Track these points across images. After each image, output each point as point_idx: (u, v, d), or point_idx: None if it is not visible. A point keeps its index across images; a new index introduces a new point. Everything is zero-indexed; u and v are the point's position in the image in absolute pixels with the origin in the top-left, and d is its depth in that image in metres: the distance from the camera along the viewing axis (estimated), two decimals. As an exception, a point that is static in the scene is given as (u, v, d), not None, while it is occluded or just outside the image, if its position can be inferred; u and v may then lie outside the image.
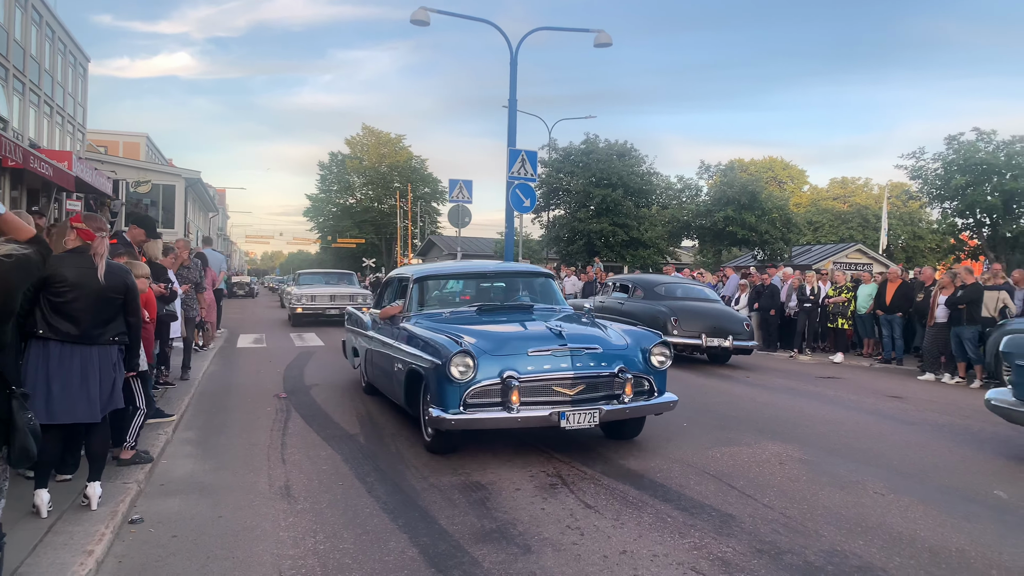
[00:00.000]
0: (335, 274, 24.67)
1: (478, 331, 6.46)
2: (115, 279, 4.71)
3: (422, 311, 7.51)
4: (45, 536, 4.12)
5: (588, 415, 5.91)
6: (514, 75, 17.19)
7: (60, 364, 4.47)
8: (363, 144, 71.37)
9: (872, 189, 59.46)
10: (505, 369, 5.90)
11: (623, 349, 6.43)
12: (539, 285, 8.31)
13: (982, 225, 32.03)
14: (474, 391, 5.90)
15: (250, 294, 46.38)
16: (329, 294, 20.95)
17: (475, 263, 11.30)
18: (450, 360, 5.81)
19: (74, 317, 4.50)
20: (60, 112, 34.64)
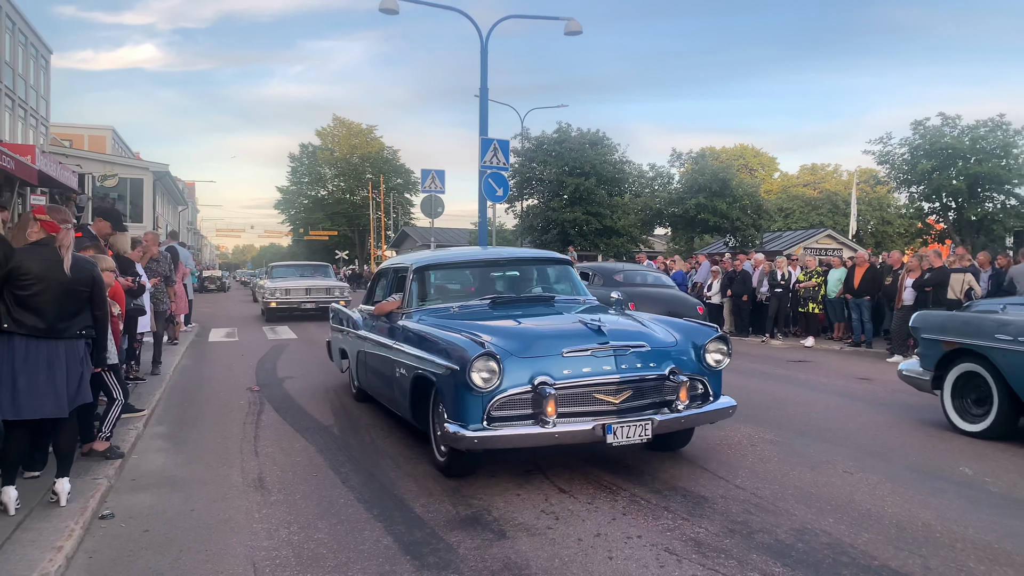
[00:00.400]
0: (310, 266, 23.78)
1: (499, 328, 5.54)
2: (81, 272, 4.63)
3: (424, 306, 6.53)
4: (13, 533, 4.06)
5: (639, 427, 4.98)
6: (485, 64, 17.12)
7: (26, 359, 4.40)
8: (334, 135, 70.78)
9: (841, 175, 60.13)
10: (537, 374, 4.94)
11: (672, 346, 5.49)
12: (557, 273, 7.37)
13: (948, 209, 32.58)
14: (500, 401, 4.93)
15: (221, 288, 45.92)
16: (304, 287, 20.02)
17: (483, 249, 9.90)
18: (471, 364, 4.81)
19: (39, 311, 4.43)
20: (22, 105, 33.93)
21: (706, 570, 3.83)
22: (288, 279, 20.90)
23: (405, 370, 5.96)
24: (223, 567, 3.91)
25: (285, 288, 19.81)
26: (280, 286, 19.91)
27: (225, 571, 3.85)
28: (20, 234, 4.70)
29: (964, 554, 4.06)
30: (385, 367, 6.61)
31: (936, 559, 3.98)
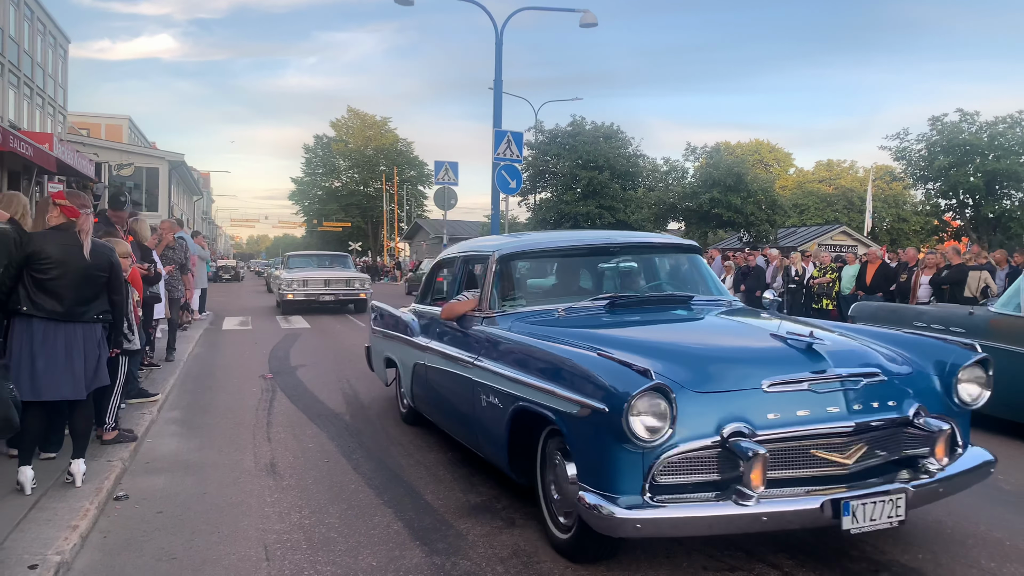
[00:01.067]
0: (328, 256, 22.49)
1: (647, 344, 3.98)
2: (100, 257, 4.68)
3: (514, 307, 4.93)
4: (29, 512, 4.12)
5: (887, 504, 3.38)
6: (499, 56, 17.10)
7: (44, 341, 4.46)
8: (348, 127, 70.94)
9: (857, 172, 59.73)
10: (728, 419, 3.34)
11: (910, 374, 3.90)
12: (685, 265, 5.65)
13: (965, 206, 32.33)
14: (670, 461, 3.31)
15: (236, 278, 46.18)
16: (323, 279, 18.79)
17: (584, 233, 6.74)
18: (630, 404, 3.17)
19: (58, 294, 4.48)
20: (40, 94, 34.20)
21: (714, 561, 3.84)
22: (306, 270, 19.72)
23: (497, 399, 4.35)
24: (235, 549, 3.95)
25: (303, 279, 18.76)
26: (298, 277, 18.84)
27: (237, 553, 3.90)
28: (40, 219, 4.75)
29: (975, 551, 4.05)
30: (459, 390, 5.01)
31: (946, 555, 3.97)
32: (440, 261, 6.68)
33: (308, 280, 18.70)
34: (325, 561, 3.79)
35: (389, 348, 6.95)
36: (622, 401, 3.20)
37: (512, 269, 5.22)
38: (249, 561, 3.80)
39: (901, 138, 32.17)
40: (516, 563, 3.78)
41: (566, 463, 3.70)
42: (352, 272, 20.28)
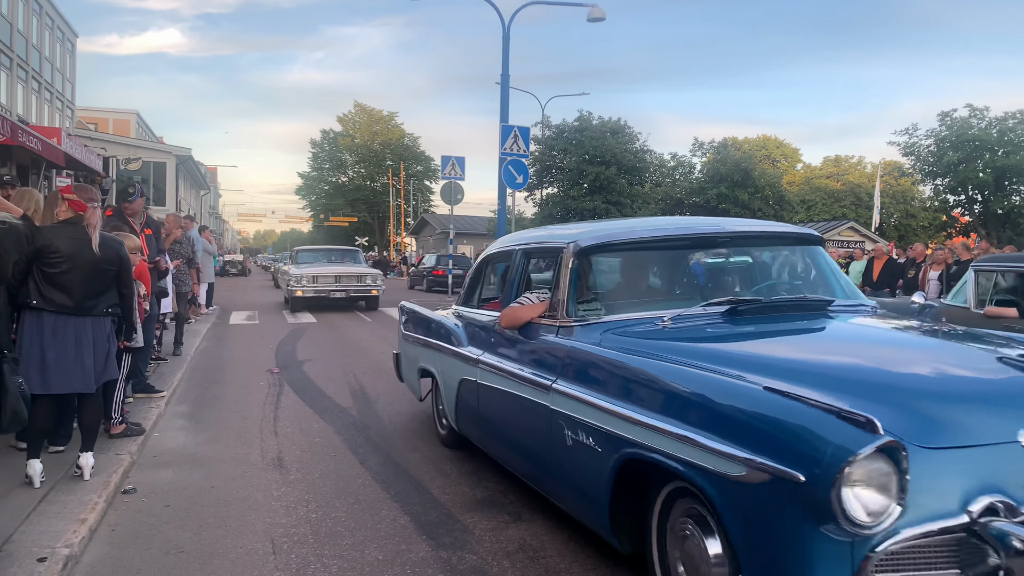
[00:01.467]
0: (338, 251, 21.47)
1: (818, 370, 2.91)
2: (108, 250, 4.69)
3: (600, 315, 3.88)
4: (38, 505, 4.14)
5: None
6: (506, 50, 17.09)
7: (54, 335, 4.48)
8: (355, 122, 70.91)
9: (865, 167, 59.48)
10: (978, 489, 2.29)
11: None
12: (807, 261, 4.55)
13: (974, 202, 32.20)
14: (892, 552, 2.24)
15: (243, 272, 46.33)
16: (333, 274, 17.96)
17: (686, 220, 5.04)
18: (844, 471, 2.15)
19: (67, 288, 4.50)
20: (48, 88, 34.32)
21: (721, 556, 3.83)
22: (315, 265, 18.89)
23: (591, 439, 3.31)
24: (242, 542, 3.96)
25: (312, 275, 17.79)
26: (307, 273, 17.88)
27: (244, 546, 3.91)
28: (48, 213, 4.77)
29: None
30: (528, 419, 3.99)
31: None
32: (491, 255, 5.59)
33: (318, 276, 17.83)
34: (332, 555, 3.80)
35: (425, 358, 5.94)
36: (833, 467, 2.15)
37: (596, 265, 4.11)
38: (256, 554, 3.81)
39: (910, 134, 32.07)
40: (522, 557, 3.79)
41: (705, 539, 2.75)
42: (364, 267, 19.36)
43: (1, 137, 15.46)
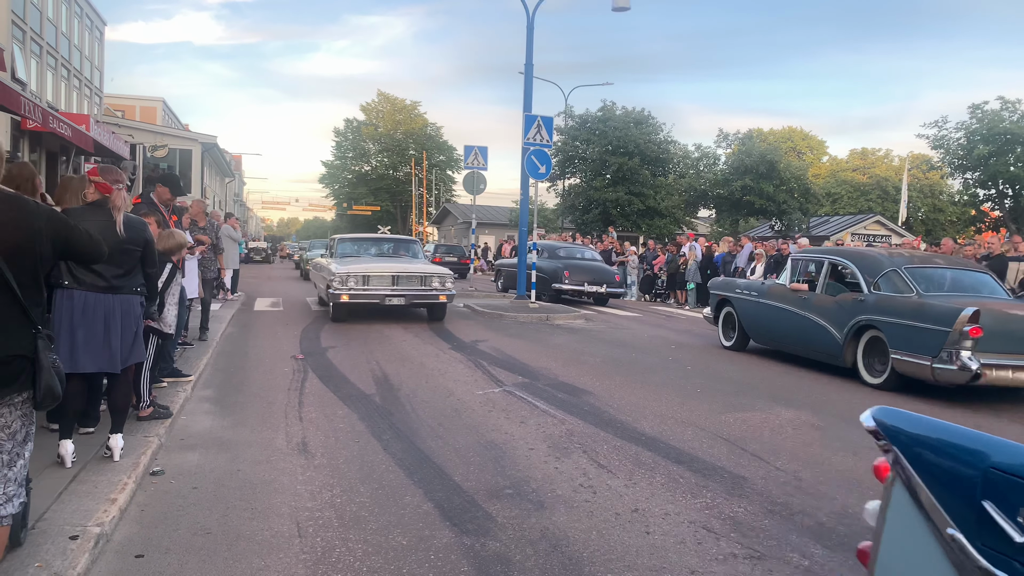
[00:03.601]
0: (391, 240, 16.42)
1: None
2: (134, 231, 4.75)
3: None
4: (70, 484, 4.22)
5: None
6: (530, 39, 17.01)
7: (84, 313, 4.55)
8: (378, 111, 71.09)
9: (892, 161, 58.70)
10: None
11: None
12: None
13: (1004, 196, 31.64)
14: None
15: (267, 260, 46.68)
16: (390, 273, 12.97)
17: None
18: None
19: (98, 268, 4.57)
20: (77, 76, 34.69)
21: (744, 548, 3.82)
22: (364, 260, 14.04)
23: None
24: (268, 525, 4.01)
25: (362, 274, 12.84)
26: (355, 271, 12.84)
27: (270, 529, 3.96)
28: (75, 196, 4.83)
29: None
30: None
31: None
32: None
33: (369, 275, 12.86)
34: (356, 539, 3.84)
35: None
36: None
37: None
38: (282, 537, 3.86)
39: (939, 126, 31.54)
40: (545, 545, 3.80)
41: None
42: (427, 264, 14.29)
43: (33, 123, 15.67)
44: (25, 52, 27.60)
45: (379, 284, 12.87)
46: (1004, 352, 7.52)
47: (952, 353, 7.46)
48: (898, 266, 8.77)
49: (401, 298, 12.85)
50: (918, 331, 7.88)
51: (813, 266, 9.93)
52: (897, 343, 8.13)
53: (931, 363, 7.65)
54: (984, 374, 7.39)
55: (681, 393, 7.72)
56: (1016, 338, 7.61)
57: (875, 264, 9.00)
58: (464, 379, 8.14)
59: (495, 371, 8.69)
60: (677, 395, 7.61)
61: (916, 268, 8.79)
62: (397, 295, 12.83)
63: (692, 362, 9.93)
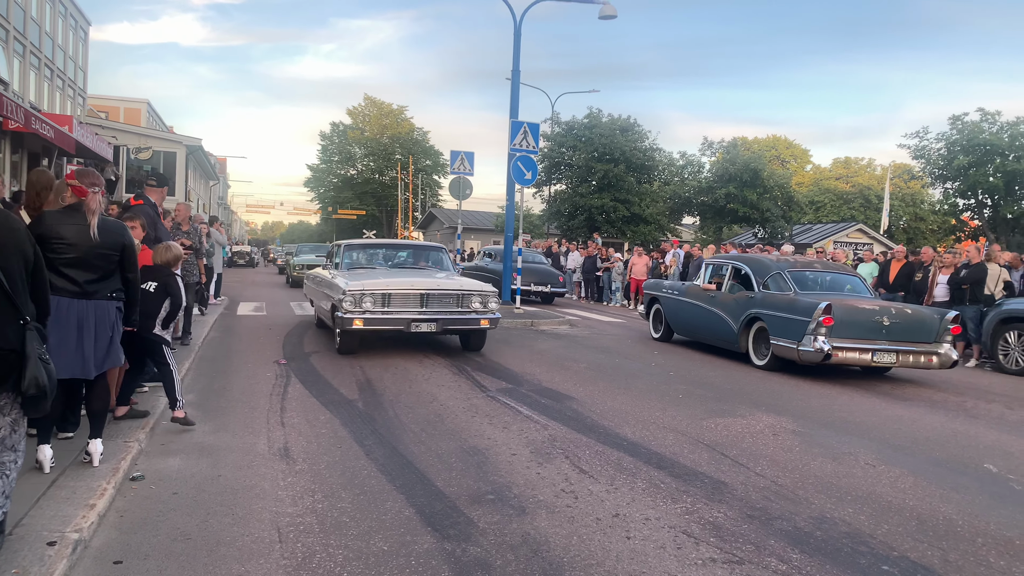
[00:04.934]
0: (410, 248, 12.96)
1: None
2: (110, 236, 4.68)
3: None
4: (48, 490, 4.19)
5: None
6: (518, 46, 17.08)
7: (57, 318, 4.50)
8: (365, 115, 70.98)
9: (875, 170, 59.26)
10: None
11: None
12: None
13: (983, 206, 32.04)
14: None
15: (250, 263, 46.42)
16: (418, 291, 9.83)
17: None
18: None
19: (71, 273, 4.53)
20: (61, 76, 34.40)
21: (723, 553, 3.86)
22: (380, 274, 10.88)
23: None
24: (249, 531, 4.00)
25: (383, 292, 9.69)
26: (372, 288, 9.68)
27: (251, 534, 3.95)
28: (56, 199, 4.80)
29: (984, 549, 4.05)
30: None
31: (955, 552, 3.98)
32: None
33: (391, 294, 9.69)
34: (337, 545, 3.84)
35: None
36: None
37: None
38: (262, 543, 3.85)
39: (920, 137, 31.93)
40: (526, 551, 3.81)
41: None
42: (463, 279, 11.22)
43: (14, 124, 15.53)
44: (8, 51, 27.37)
45: (403, 305, 9.72)
46: (851, 338, 9.34)
47: (811, 338, 9.24)
48: (782, 269, 10.61)
49: (432, 323, 9.70)
50: (790, 321, 9.64)
51: (722, 269, 11.60)
52: (776, 331, 9.87)
53: (797, 346, 9.40)
54: (834, 355, 9.16)
55: (663, 399, 7.76)
56: (860, 326, 9.42)
57: (764, 268, 10.79)
58: (448, 384, 8.15)
59: (479, 376, 8.71)
60: (659, 400, 7.65)
61: (796, 271, 10.69)
62: (427, 319, 9.68)
63: (675, 368, 9.99)
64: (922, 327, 9.62)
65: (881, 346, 9.32)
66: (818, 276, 10.93)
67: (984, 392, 9.23)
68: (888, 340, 9.38)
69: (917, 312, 9.96)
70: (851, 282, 10.96)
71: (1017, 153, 29.45)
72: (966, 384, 9.80)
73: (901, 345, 9.39)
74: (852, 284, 10.90)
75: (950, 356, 9.49)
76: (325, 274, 11.72)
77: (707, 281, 11.80)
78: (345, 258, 11.60)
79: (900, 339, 9.38)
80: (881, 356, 9.31)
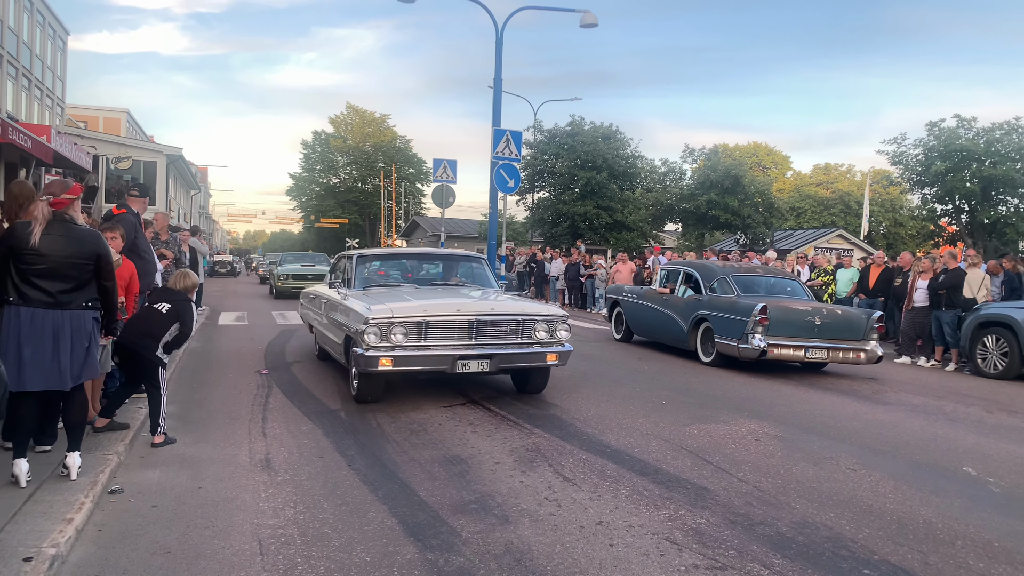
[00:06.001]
0: (442, 258, 10.33)
1: None
2: (82, 245, 4.62)
3: None
4: (24, 505, 4.13)
5: None
6: (499, 54, 17.13)
7: (32, 329, 4.45)
8: (347, 123, 70.82)
9: (855, 176, 59.80)
10: None
11: None
12: None
13: (961, 211, 32.42)
14: None
15: (232, 273, 46.14)
16: (465, 318, 7.34)
17: None
18: None
19: (44, 284, 4.48)
20: (39, 86, 34.11)
21: (706, 559, 3.86)
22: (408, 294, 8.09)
23: None
24: (230, 543, 3.96)
25: (418, 318, 7.19)
26: (403, 314, 7.18)
27: (231, 547, 3.91)
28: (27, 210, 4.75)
29: (964, 551, 4.08)
30: None
31: (936, 555, 4.01)
32: None
33: (430, 321, 7.25)
34: (319, 556, 3.81)
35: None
36: None
37: None
38: (243, 555, 3.81)
39: (898, 143, 32.25)
40: (509, 559, 3.80)
41: None
42: (523, 300, 8.79)
43: (-10, 134, 15.34)
44: (-16, 62, 27.10)
45: (446, 337, 7.24)
46: (785, 336, 10.21)
47: (749, 336, 10.07)
48: (727, 274, 11.43)
49: (484, 360, 7.23)
50: (731, 321, 10.46)
51: (674, 275, 12.49)
52: (720, 331, 10.67)
53: (737, 344, 10.22)
54: (770, 351, 10.01)
55: (646, 405, 7.78)
56: (794, 325, 10.29)
57: (711, 272, 11.67)
58: (430, 393, 8.12)
59: (462, 384, 8.68)
60: (642, 407, 7.67)
61: (739, 275, 11.52)
62: (478, 355, 7.21)
63: (658, 374, 10.01)
64: (850, 326, 10.49)
65: (813, 343, 10.18)
66: (760, 280, 11.78)
67: (963, 396, 9.33)
68: (820, 338, 10.21)
69: (846, 312, 10.95)
70: (790, 285, 11.82)
71: (993, 159, 29.86)
72: (946, 388, 9.90)
73: (832, 343, 10.24)
74: (791, 287, 11.76)
75: (876, 352, 10.30)
76: (332, 294, 8.95)
77: (661, 285, 12.73)
78: (358, 272, 8.90)
79: (831, 337, 10.26)
80: (813, 352, 10.18)
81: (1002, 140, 30.02)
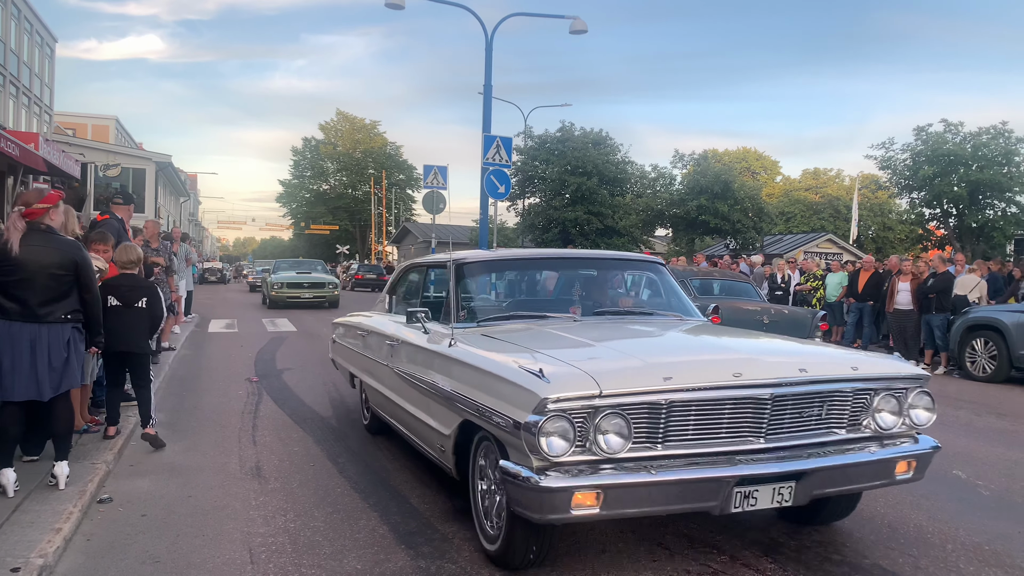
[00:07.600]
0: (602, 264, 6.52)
1: None
2: (62, 256, 4.57)
3: None
4: (12, 515, 4.10)
5: None
6: (489, 61, 17.15)
7: (11, 342, 4.43)
8: (337, 130, 70.85)
9: (843, 180, 60.17)
10: None
11: None
12: None
13: (948, 215, 32.67)
14: None
15: (221, 280, 45.98)
16: (752, 388, 3.52)
17: None
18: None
19: (21, 295, 4.44)
20: (26, 93, 33.97)
21: (698, 564, 3.87)
22: (576, 334, 4.44)
23: None
24: (220, 552, 3.94)
25: (656, 391, 3.38)
26: (617, 385, 3.33)
27: (222, 556, 3.89)
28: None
29: (954, 555, 4.10)
30: None
31: (926, 559, 4.02)
32: None
33: (673, 400, 3.41)
34: (310, 564, 3.79)
35: None
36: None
37: None
38: (234, 564, 3.79)
39: (886, 148, 32.51)
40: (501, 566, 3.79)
41: None
42: (830, 348, 5.21)
43: (-22, 142, 15.26)
44: (-29, 69, 26.96)
45: (715, 429, 3.57)
46: None
47: None
48: (687, 278, 11.83)
49: (789, 483, 3.57)
50: None
51: None
52: None
53: None
54: None
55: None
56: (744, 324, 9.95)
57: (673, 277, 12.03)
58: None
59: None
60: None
61: (699, 279, 12.32)
62: (775, 473, 3.52)
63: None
64: (796, 324, 11.05)
65: None
66: (716, 283, 12.69)
67: (952, 399, 9.37)
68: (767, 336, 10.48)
69: (792, 312, 11.94)
70: (744, 288, 12.75)
71: (980, 163, 30.12)
72: (935, 392, 9.93)
73: None
74: (745, 290, 12.68)
75: None
76: (408, 334, 5.13)
77: None
78: (466, 295, 5.18)
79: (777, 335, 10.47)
80: None
81: (989, 144, 30.29)
